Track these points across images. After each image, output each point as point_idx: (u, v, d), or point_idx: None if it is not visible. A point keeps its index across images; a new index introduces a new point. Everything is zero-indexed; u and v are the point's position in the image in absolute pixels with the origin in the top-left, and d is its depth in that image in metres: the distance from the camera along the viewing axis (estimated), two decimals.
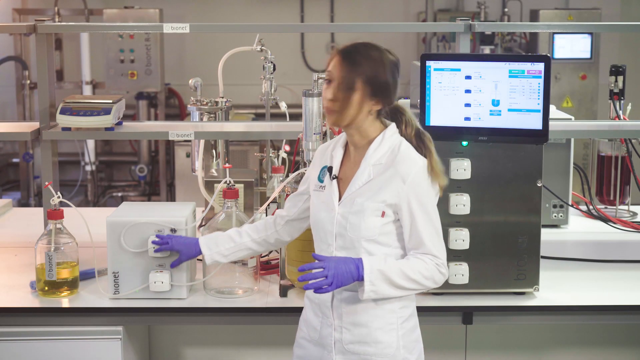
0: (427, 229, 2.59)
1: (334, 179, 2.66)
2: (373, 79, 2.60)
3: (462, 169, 3.03)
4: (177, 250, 2.95)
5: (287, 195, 3.11)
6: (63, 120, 3.46)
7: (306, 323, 2.72)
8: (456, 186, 3.06)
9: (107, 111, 3.48)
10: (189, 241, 2.94)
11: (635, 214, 4.15)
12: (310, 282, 2.52)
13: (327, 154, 2.73)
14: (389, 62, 2.68)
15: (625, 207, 4.17)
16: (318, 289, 2.50)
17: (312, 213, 2.70)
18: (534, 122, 2.96)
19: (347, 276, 2.51)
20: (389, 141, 2.63)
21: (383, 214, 2.59)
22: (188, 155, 7.06)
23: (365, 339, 2.61)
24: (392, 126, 2.65)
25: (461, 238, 3.06)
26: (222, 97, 3.79)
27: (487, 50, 7.44)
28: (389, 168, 2.60)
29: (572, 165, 3.96)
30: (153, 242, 2.99)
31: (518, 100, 2.96)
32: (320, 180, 2.69)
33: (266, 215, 3.19)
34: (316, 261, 2.54)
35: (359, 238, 2.58)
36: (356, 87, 2.58)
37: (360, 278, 2.52)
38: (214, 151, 3.74)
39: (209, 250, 2.88)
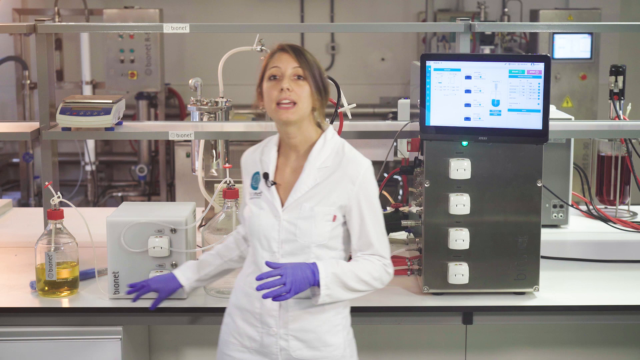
0: (376, 230, 2.62)
1: (272, 185, 2.62)
2: (319, 76, 2.62)
3: (462, 169, 3.03)
4: (154, 290, 2.92)
5: None
6: (63, 120, 3.46)
7: (238, 334, 2.66)
8: (456, 186, 3.06)
9: (107, 111, 3.48)
10: (165, 278, 2.94)
11: (635, 214, 4.15)
12: (268, 290, 2.49)
13: (256, 160, 2.69)
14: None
15: (625, 207, 4.17)
16: (277, 297, 2.48)
17: (251, 221, 2.64)
18: (534, 122, 2.96)
19: (304, 282, 2.51)
20: (331, 143, 2.64)
21: (334, 218, 2.60)
22: (188, 155, 7.06)
23: (314, 344, 2.61)
24: (331, 128, 2.67)
25: (461, 238, 3.06)
26: (222, 97, 3.78)
27: (487, 50, 7.44)
28: (336, 170, 2.60)
29: (572, 165, 3.96)
30: (128, 293, 2.93)
31: (518, 100, 2.96)
32: (254, 187, 2.66)
33: None
34: (272, 269, 2.51)
35: (310, 244, 2.58)
36: (308, 81, 2.59)
37: (316, 283, 2.53)
38: (214, 151, 3.74)
39: (187, 280, 2.92)
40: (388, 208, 3.97)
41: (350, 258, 2.68)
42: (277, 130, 2.69)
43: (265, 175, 2.63)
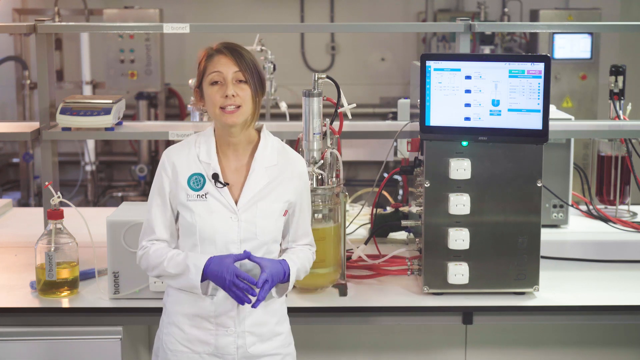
0: (309, 221, 2.74)
1: (225, 185, 2.59)
2: (257, 76, 2.60)
3: (462, 169, 3.03)
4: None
5: None
6: (63, 120, 3.46)
7: (188, 341, 2.61)
8: (456, 186, 3.06)
9: (107, 111, 3.48)
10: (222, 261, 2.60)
11: (635, 214, 4.15)
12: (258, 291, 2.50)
13: (190, 160, 2.61)
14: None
15: (625, 207, 4.17)
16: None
17: (201, 225, 2.57)
18: (534, 122, 2.96)
19: (278, 277, 2.56)
20: (270, 141, 2.67)
21: (285, 213, 2.66)
22: None
23: (267, 336, 2.65)
24: (264, 125, 2.70)
25: (461, 238, 3.06)
26: None
27: (487, 50, 7.44)
28: (284, 168, 2.64)
29: (572, 165, 3.96)
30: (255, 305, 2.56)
31: (518, 100, 2.96)
32: (195, 189, 2.60)
33: None
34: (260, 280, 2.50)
35: (268, 240, 2.61)
36: (249, 84, 2.57)
37: (285, 279, 2.58)
38: None
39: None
40: (388, 208, 3.98)
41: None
42: (214, 129, 2.66)
43: (215, 176, 2.59)
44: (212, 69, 2.56)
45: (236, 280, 2.49)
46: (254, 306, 2.51)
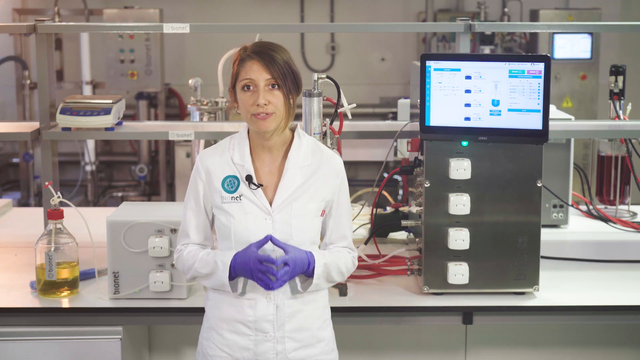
0: (349, 223, 2.70)
1: (259, 186, 2.59)
2: (292, 78, 2.58)
3: (462, 169, 3.03)
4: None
5: None
6: (63, 120, 3.46)
7: (228, 347, 2.61)
8: (456, 186, 3.06)
9: (107, 111, 3.48)
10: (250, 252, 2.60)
11: (635, 214, 4.15)
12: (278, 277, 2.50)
13: (224, 162, 2.62)
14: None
15: (625, 207, 4.17)
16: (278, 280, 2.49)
17: (236, 227, 2.57)
18: (534, 122, 2.96)
19: (301, 264, 2.54)
20: (305, 141, 2.66)
21: (323, 213, 2.64)
22: (188, 155, 7.06)
23: (309, 341, 2.62)
24: (299, 125, 2.68)
25: (461, 238, 3.06)
26: (222, 97, 3.79)
27: (487, 50, 7.44)
28: (319, 167, 2.63)
29: (572, 165, 3.96)
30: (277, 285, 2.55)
31: (518, 100, 2.96)
32: (230, 191, 2.60)
33: None
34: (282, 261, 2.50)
35: (304, 241, 2.60)
36: (282, 89, 2.56)
37: (309, 272, 2.56)
38: None
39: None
40: (388, 208, 3.98)
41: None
42: (248, 130, 2.66)
43: (249, 178, 2.59)
44: (244, 75, 2.55)
45: (259, 265, 2.48)
46: (273, 287, 2.50)
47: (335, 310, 3.07)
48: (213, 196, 2.61)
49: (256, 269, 2.49)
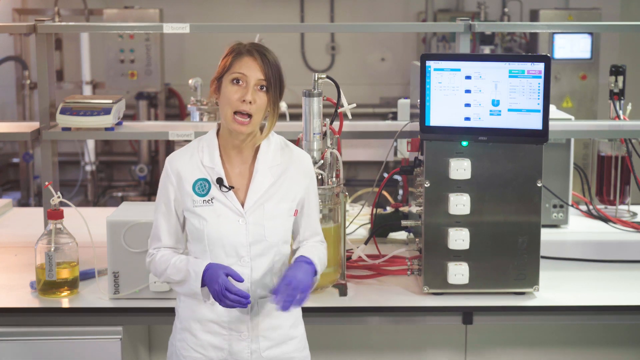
0: (318, 219, 2.72)
1: (230, 189, 2.57)
2: (279, 83, 2.58)
3: (462, 169, 3.03)
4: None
5: None
6: (63, 120, 3.46)
7: (201, 347, 2.60)
8: (456, 186, 3.06)
9: (107, 111, 3.48)
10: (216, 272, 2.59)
11: (635, 214, 4.15)
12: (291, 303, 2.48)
13: (194, 165, 2.59)
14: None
15: (625, 207, 4.17)
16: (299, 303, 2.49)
17: (209, 230, 2.55)
18: (534, 122, 2.96)
19: (306, 282, 2.52)
20: (273, 140, 2.65)
21: (296, 212, 2.64)
22: None
23: (282, 339, 2.63)
24: (266, 125, 2.65)
25: (461, 238, 3.06)
26: None
27: (487, 50, 7.44)
28: (288, 166, 2.62)
29: (572, 165, 3.96)
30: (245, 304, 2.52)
31: (518, 100, 2.96)
32: (201, 194, 2.58)
33: None
34: (287, 288, 2.47)
35: (278, 241, 2.60)
36: (269, 93, 2.55)
37: (313, 276, 2.58)
38: None
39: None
40: (388, 208, 3.98)
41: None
42: (217, 131, 2.63)
43: (219, 181, 2.57)
44: (238, 68, 2.54)
45: (225, 292, 2.46)
46: (284, 308, 2.47)
47: (335, 310, 3.08)
48: (184, 200, 2.59)
49: (221, 294, 2.46)
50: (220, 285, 2.46)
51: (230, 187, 2.57)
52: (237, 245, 2.56)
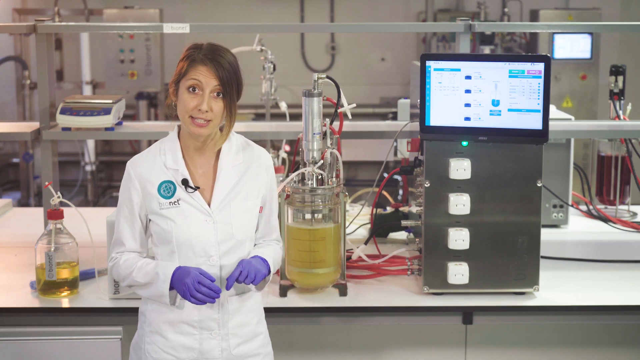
0: (276, 215, 2.74)
1: (196, 189, 2.58)
2: (236, 86, 2.57)
3: (462, 169, 3.03)
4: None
5: (288, 195, 3.11)
6: (63, 120, 3.46)
7: (172, 348, 2.60)
8: (456, 186, 3.06)
9: (107, 111, 3.48)
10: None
11: (635, 214, 4.15)
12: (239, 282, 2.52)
13: (157, 168, 2.58)
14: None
15: (625, 207, 4.17)
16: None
17: (177, 231, 2.55)
18: (534, 122, 2.96)
19: (261, 271, 2.56)
20: (234, 140, 2.66)
21: (261, 209, 2.67)
22: None
23: (250, 336, 2.66)
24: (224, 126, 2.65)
25: (461, 238, 3.06)
26: None
27: (487, 50, 7.44)
28: (250, 164, 2.64)
29: (572, 165, 3.96)
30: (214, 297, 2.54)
31: (518, 100, 2.96)
32: (166, 196, 2.57)
33: None
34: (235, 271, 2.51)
35: (245, 239, 2.62)
36: (225, 98, 2.55)
37: (267, 273, 2.60)
38: None
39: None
40: (388, 208, 3.98)
41: None
42: (177, 133, 2.64)
43: (185, 182, 2.58)
44: (193, 75, 2.54)
45: (197, 285, 2.47)
46: (227, 288, 2.52)
47: (335, 310, 3.08)
48: (149, 203, 2.58)
49: (194, 287, 2.47)
50: (192, 279, 2.48)
51: (196, 188, 2.58)
52: (205, 245, 2.57)
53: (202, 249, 2.57)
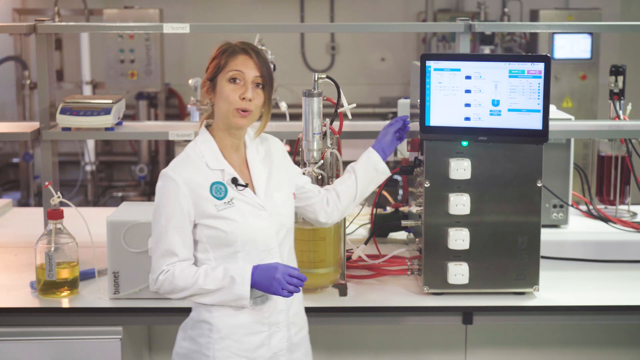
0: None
1: (246, 186, 2.59)
2: (271, 81, 2.63)
3: (462, 169, 3.03)
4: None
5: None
6: (63, 120, 3.46)
7: (245, 351, 2.58)
8: (456, 186, 3.06)
9: (107, 111, 3.48)
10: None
11: (635, 214, 4.15)
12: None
13: (199, 172, 2.56)
14: None
15: (625, 207, 4.17)
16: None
17: (241, 231, 2.54)
18: (534, 122, 2.96)
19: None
20: (251, 133, 2.72)
21: (294, 196, 2.76)
22: None
23: (302, 324, 2.73)
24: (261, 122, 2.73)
25: (461, 238, 3.06)
26: None
27: (487, 50, 7.44)
28: (272, 154, 2.72)
29: (572, 165, 3.96)
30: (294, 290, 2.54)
31: (518, 100, 2.96)
32: (219, 197, 2.55)
33: None
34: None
35: (292, 225, 2.70)
36: (265, 91, 2.61)
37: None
38: None
39: None
40: (388, 208, 3.98)
41: None
42: (221, 130, 2.63)
43: (234, 180, 2.58)
44: (234, 66, 2.55)
45: (288, 277, 2.48)
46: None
47: (335, 310, 3.08)
48: (203, 207, 2.55)
49: (284, 281, 2.47)
50: (282, 273, 2.48)
51: (246, 185, 2.60)
52: (267, 239, 2.59)
53: (264, 244, 2.58)
